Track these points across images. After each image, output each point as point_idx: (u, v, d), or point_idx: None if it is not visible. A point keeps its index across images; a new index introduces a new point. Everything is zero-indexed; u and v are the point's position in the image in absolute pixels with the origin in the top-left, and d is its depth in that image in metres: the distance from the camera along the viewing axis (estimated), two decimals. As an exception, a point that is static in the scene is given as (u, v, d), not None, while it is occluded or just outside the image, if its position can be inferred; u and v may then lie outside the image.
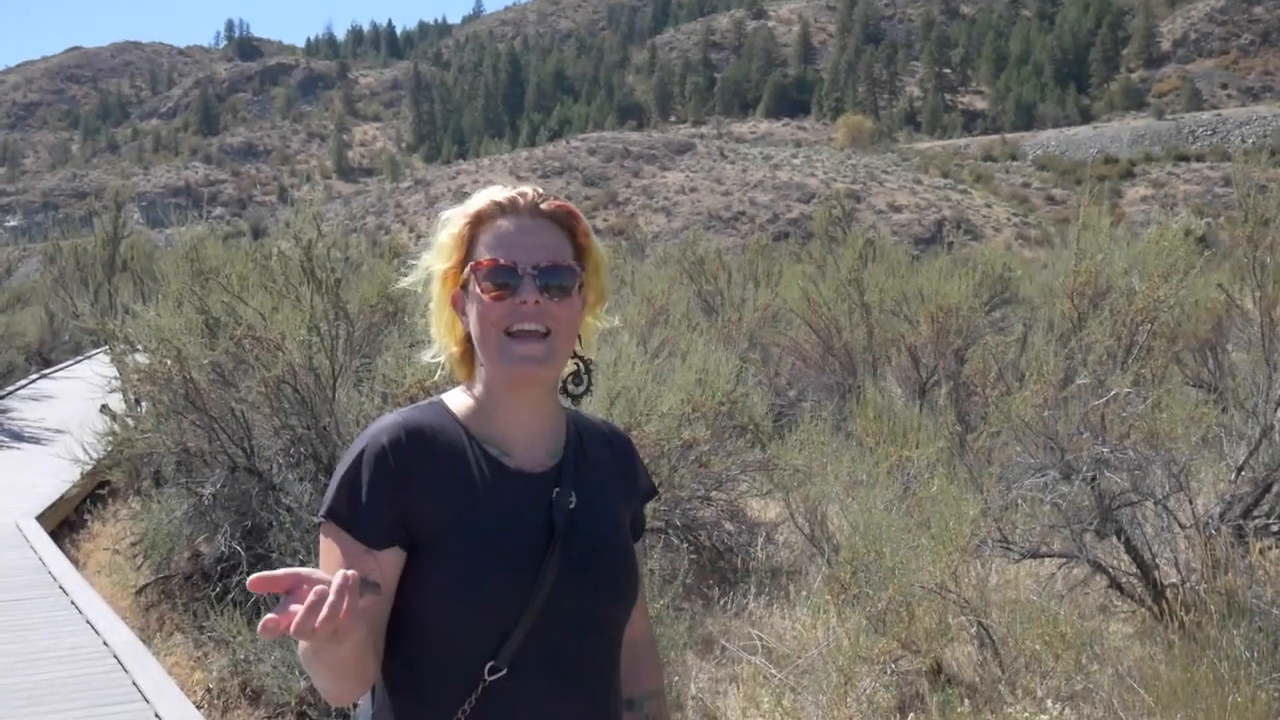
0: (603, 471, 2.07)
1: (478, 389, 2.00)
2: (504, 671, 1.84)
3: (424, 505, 1.88)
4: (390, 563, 1.86)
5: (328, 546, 1.88)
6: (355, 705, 1.99)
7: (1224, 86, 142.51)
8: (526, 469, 1.96)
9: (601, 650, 1.98)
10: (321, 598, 1.54)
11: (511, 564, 1.87)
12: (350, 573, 1.58)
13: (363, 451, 1.89)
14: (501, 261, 1.92)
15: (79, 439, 10.02)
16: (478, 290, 1.93)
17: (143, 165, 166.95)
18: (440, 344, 2.06)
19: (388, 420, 1.94)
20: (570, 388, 2.07)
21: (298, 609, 1.53)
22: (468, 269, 1.96)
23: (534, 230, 1.95)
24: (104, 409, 11.14)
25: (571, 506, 1.95)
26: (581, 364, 2.08)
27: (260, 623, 1.54)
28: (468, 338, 2.00)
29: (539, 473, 1.97)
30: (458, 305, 2.00)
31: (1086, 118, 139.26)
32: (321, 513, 1.89)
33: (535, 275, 1.92)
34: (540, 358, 1.92)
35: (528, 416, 1.98)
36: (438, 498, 1.89)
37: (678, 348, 11.55)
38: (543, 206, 1.97)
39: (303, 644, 1.72)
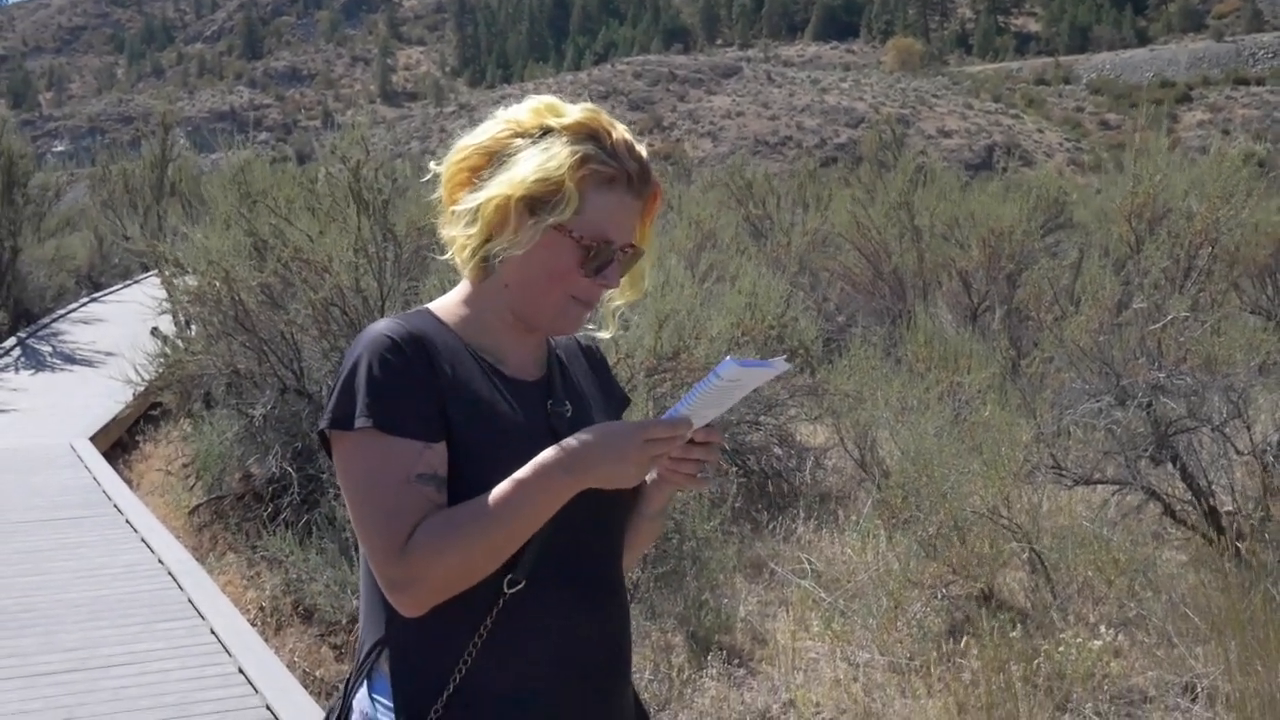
0: (583, 382, 2.05)
1: (480, 303, 1.91)
2: (522, 584, 1.78)
3: (447, 402, 1.79)
4: (445, 456, 1.77)
5: (371, 462, 1.75)
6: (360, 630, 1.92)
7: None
8: (521, 378, 1.92)
9: (611, 554, 1.95)
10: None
11: None
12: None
13: (367, 356, 1.76)
14: (615, 243, 1.86)
15: (130, 361, 10.10)
16: (569, 256, 1.84)
17: (188, 90, 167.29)
18: (465, 241, 1.88)
19: (381, 326, 1.82)
20: None
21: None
22: (570, 225, 1.82)
23: (634, 210, 1.89)
24: (154, 331, 11.24)
25: (568, 416, 1.92)
26: None
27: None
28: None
29: (532, 381, 1.93)
30: (513, 215, 1.83)
31: (1143, 40, 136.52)
32: (358, 423, 1.74)
33: (622, 260, 1.89)
34: (582, 324, 1.93)
35: (526, 334, 1.95)
36: (454, 398, 1.80)
37: (726, 271, 11.46)
38: (643, 187, 1.90)
39: (524, 496, 1.73)
